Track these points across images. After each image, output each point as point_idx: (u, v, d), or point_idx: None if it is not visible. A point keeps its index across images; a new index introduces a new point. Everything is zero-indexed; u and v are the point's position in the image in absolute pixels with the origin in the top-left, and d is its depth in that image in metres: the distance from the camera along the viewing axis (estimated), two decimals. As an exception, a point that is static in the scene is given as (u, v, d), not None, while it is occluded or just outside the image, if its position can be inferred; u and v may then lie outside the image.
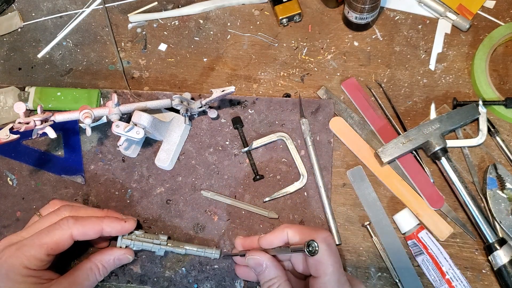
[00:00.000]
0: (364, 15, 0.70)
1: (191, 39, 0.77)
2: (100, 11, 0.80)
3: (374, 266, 0.65)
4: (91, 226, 0.59)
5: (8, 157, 0.73)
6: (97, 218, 0.60)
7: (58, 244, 0.57)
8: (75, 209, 0.61)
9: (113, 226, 0.60)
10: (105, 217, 0.61)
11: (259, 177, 0.69)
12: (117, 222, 0.61)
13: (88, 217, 0.60)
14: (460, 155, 0.69)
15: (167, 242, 0.65)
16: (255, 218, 0.68)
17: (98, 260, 0.61)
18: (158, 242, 0.64)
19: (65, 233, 0.57)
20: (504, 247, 0.61)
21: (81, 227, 0.58)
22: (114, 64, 0.77)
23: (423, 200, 0.66)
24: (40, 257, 0.55)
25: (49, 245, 0.56)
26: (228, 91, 0.64)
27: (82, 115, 0.63)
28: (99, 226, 0.59)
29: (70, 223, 0.57)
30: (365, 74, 0.73)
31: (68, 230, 0.57)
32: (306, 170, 0.68)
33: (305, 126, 0.69)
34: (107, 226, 0.60)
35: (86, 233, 0.58)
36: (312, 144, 0.69)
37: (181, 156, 0.71)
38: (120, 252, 0.63)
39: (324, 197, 0.67)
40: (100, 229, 0.59)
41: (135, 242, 0.63)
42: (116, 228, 0.61)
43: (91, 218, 0.59)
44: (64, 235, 0.57)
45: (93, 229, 0.59)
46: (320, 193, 0.67)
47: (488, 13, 0.75)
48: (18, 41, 0.79)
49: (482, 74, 0.69)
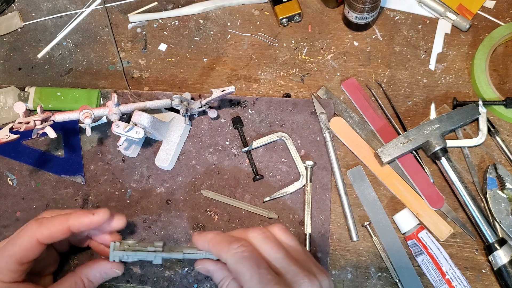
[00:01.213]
0: (364, 15, 0.70)
1: (191, 39, 0.77)
2: (100, 11, 0.80)
3: (374, 266, 0.65)
4: (56, 226, 0.54)
5: (8, 157, 0.73)
6: (62, 216, 0.55)
7: (26, 251, 0.53)
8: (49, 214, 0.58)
9: (81, 221, 0.55)
10: (71, 213, 0.56)
11: (259, 177, 0.69)
12: (84, 216, 0.56)
13: (52, 217, 0.56)
14: (460, 155, 0.69)
15: (163, 248, 0.59)
16: (255, 218, 0.68)
17: (83, 274, 0.58)
18: (152, 249, 0.59)
19: (30, 239, 0.53)
20: (504, 247, 0.61)
21: (46, 229, 0.54)
22: (114, 64, 0.77)
23: (423, 200, 0.66)
24: (12, 268, 0.53)
25: (17, 255, 0.53)
26: (228, 91, 0.64)
27: (82, 115, 0.63)
28: (65, 224, 0.55)
29: (34, 228, 0.54)
30: (365, 74, 0.73)
31: (33, 236, 0.53)
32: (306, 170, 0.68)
33: (323, 122, 0.69)
34: (74, 221, 0.55)
35: (52, 235, 0.54)
36: (331, 140, 0.69)
37: (181, 156, 0.71)
38: (107, 266, 0.59)
39: (342, 193, 0.67)
40: (66, 227, 0.55)
41: (128, 252, 0.58)
42: (84, 222, 0.55)
43: (56, 218, 0.55)
44: (30, 241, 0.53)
45: (59, 229, 0.55)
46: (338, 190, 0.67)
47: (488, 13, 0.75)
48: (18, 41, 0.79)
49: (482, 74, 0.69)
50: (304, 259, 0.52)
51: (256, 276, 0.49)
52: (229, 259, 0.51)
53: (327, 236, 0.66)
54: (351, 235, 0.66)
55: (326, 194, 0.68)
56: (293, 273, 0.50)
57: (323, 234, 0.66)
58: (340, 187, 0.67)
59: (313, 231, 0.66)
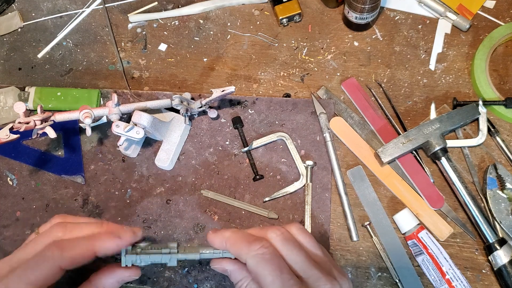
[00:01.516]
0: (364, 15, 0.70)
1: (191, 39, 0.77)
2: (100, 11, 0.80)
3: (374, 266, 0.65)
4: (80, 251, 0.51)
5: (8, 157, 0.73)
6: (87, 241, 0.52)
7: (46, 280, 0.50)
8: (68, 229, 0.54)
9: (107, 246, 0.52)
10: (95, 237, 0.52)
11: (259, 177, 0.69)
12: (111, 240, 0.53)
13: (75, 240, 0.52)
14: (460, 155, 0.69)
15: (177, 249, 0.57)
16: (255, 218, 0.68)
17: (100, 283, 0.55)
18: (167, 251, 0.56)
19: (52, 266, 0.50)
20: (504, 247, 0.61)
21: (69, 256, 0.50)
22: (114, 64, 0.77)
23: (423, 200, 0.66)
24: None
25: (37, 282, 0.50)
26: (228, 91, 0.64)
27: (82, 115, 0.63)
28: (91, 250, 0.51)
29: (56, 255, 0.50)
30: (365, 74, 0.73)
31: (55, 263, 0.50)
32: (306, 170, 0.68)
33: (323, 122, 0.69)
34: (100, 248, 0.52)
35: (76, 261, 0.51)
36: (331, 140, 0.69)
37: (181, 156, 0.71)
38: (124, 274, 0.55)
39: (342, 193, 0.67)
40: (92, 253, 0.51)
41: (141, 256, 0.56)
42: (111, 247, 0.52)
43: (79, 243, 0.51)
44: (52, 269, 0.50)
45: (84, 255, 0.51)
46: (338, 190, 0.67)
47: (488, 13, 0.75)
48: (18, 41, 0.79)
49: (482, 74, 0.69)
50: (324, 262, 0.51)
51: (278, 280, 0.47)
52: (249, 260, 0.49)
53: (327, 236, 0.66)
54: (351, 235, 0.66)
55: (326, 194, 0.68)
56: (314, 277, 0.49)
57: (323, 234, 0.66)
58: (340, 187, 0.67)
59: (313, 231, 0.66)
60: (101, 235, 0.53)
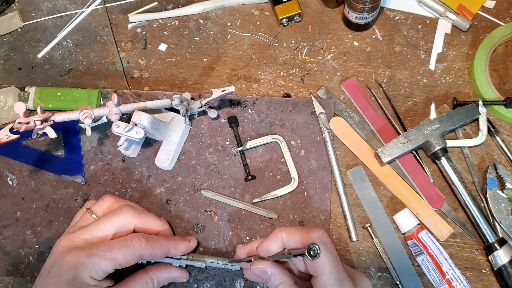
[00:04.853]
0: (364, 15, 0.70)
1: (191, 39, 0.77)
2: (100, 11, 0.80)
3: (374, 266, 0.65)
4: (160, 249, 0.59)
5: (8, 157, 0.73)
6: (165, 240, 0.60)
7: (127, 261, 0.56)
8: (137, 214, 0.60)
9: (179, 248, 0.61)
10: (170, 239, 0.61)
11: (250, 177, 0.68)
12: (183, 243, 0.62)
13: (157, 238, 0.59)
14: (460, 155, 0.69)
15: (187, 256, 0.64)
16: (255, 218, 0.68)
17: (155, 276, 0.60)
18: (178, 257, 0.63)
19: (136, 253, 0.56)
20: (504, 247, 0.61)
21: (152, 249, 0.57)
22: (114, 64, 0.77)
23: (423, 200, 0.66)
24: (108, 270, 0.55)
25: (119, 261, 0.55)
26: (228, 91, 0.64)
27: (82, 115, 0.63)
28: (167, 248, 0.60)
29: (143, 244, 0.57)
30: (365, 74, 0.73)
31: (140, 251, 0.56)
32: (297, 174, 0.68)
33: (322, 122, 0.69)
34: (174, 248, 0.60)
35: (154, 255, 0.59)
36: (331, 140, 0.69)
37: (181, 156, 0.71)
38: (178, 274, 0.62)
39: (342, 193, 0.67)
40: (167, 252, 0.60)
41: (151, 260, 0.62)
42: (181, 249, 0.62)
43: (160, 240, 0.59)
44: (135, 255, 0.56)
45: (162, 252, 0.59)
46: (338, 190, 0.67)
47: (488, 13, 0.75)
48: (18, 41, 0.79)
49: (482, 74, 0.70)
50: None
51: (335, 271, 0.50)
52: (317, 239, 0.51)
53: (327, 236, 0.66)
54: (350, 235, 0.66)
55: (326, 194, 0.68)
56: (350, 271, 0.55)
57: (323, 234, 0.66)
58: (340, 187, 0.67)
59: (313, 231, 0.66)
60: (175, 238, 0.63)
